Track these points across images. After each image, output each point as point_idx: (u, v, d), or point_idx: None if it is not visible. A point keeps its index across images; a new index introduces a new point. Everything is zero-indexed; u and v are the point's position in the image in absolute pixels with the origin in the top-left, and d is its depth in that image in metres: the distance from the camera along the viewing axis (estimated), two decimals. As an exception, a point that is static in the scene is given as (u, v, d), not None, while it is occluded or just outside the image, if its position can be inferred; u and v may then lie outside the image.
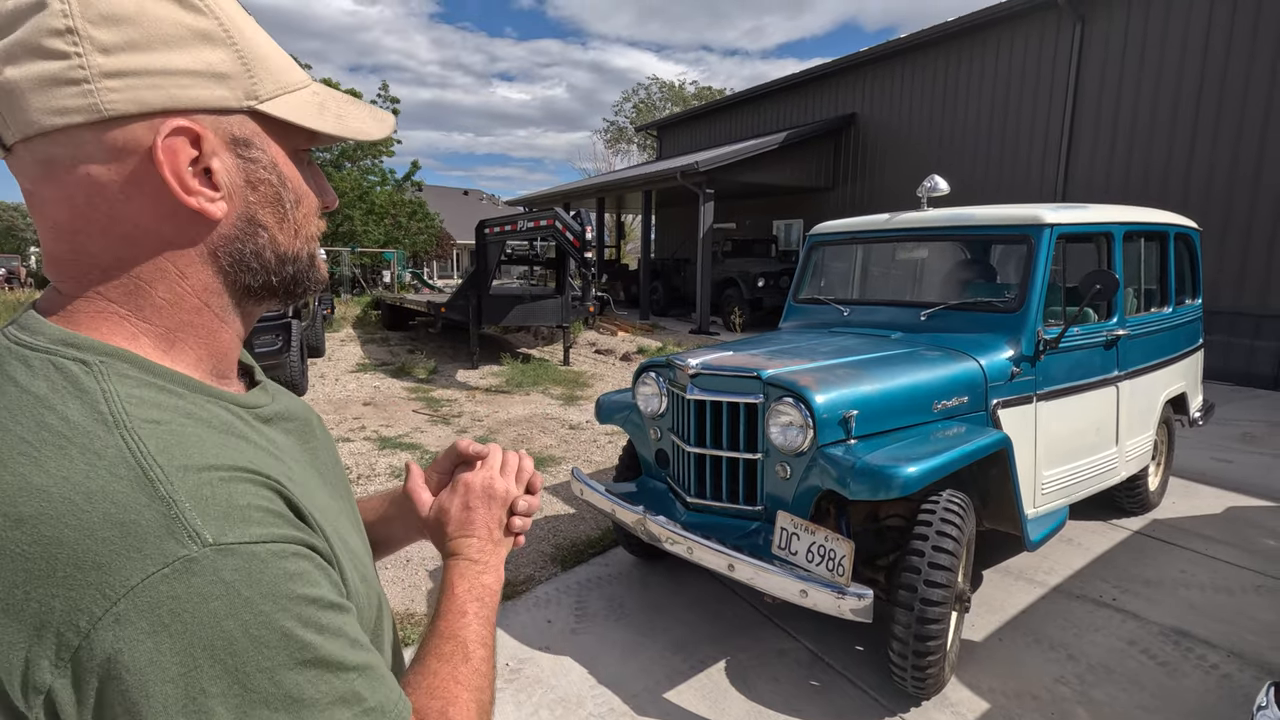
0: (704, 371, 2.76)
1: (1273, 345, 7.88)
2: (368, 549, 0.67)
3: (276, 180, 0.55)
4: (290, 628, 0.44)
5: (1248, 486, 4.60)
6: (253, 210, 0.54)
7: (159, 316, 0.53)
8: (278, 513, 0.47)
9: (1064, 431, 3.18)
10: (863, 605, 2.16)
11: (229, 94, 0.51)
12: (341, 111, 0.58)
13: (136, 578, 0.41)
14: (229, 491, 0.46)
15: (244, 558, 0.44)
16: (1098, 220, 3.37)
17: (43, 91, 0.46)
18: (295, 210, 0.57)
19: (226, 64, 0.51)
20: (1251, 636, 2.84)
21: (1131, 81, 9.14)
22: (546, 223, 8.03)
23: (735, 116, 17.16)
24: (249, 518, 0.45)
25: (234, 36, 0.51)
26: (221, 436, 0.50)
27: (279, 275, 0.57)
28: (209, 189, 0.51)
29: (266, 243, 0.56)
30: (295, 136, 0.57)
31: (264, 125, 0.54)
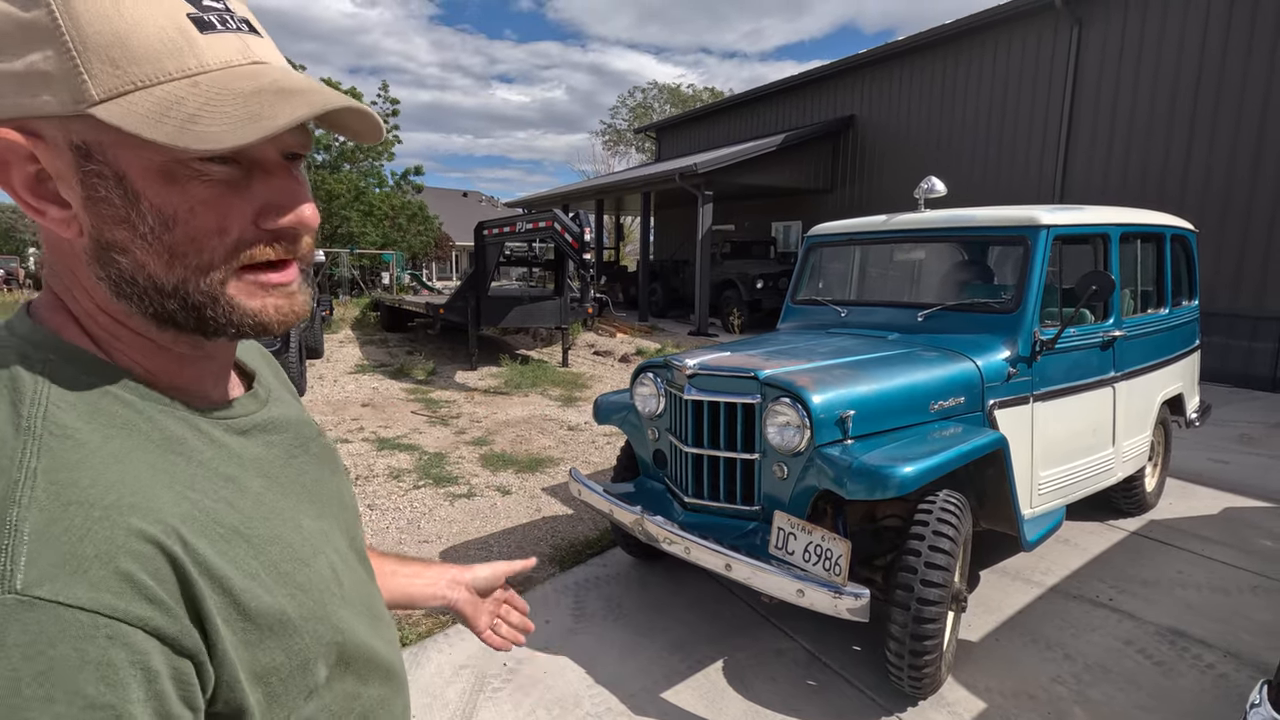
0: (701, 372, 2.77)
1: (1270, 347, 7.90)
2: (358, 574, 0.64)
3: (121, 198, 0.46)
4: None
5: (1245, 487, 4.61)
6: (99, 231, 0.47)
7: (95, 325, 0.50)
8: (130, 577, 0.41)
9: (1061, 432, 3.18)
10: (859, 605, 2.17)
11: (51, 99, 0.43)
12: (200, 113, 0.45)
13: None
14: (85, 534, 0.40)
15: (43, 619, 0.38)
16: (1094, 222, 3.38)
17: None
18: (165, 233, 0.47)
19: (50, 62, 0.43)
20: (1248, 636, 2.85)
21: (1129, 83, 9.17)
22: (545, 224, 8.04)
23: (734, 118, 17.18)
24: (84, 572, 0.39)
25: (63, 26, 0.43)
26: (155, 454, 0.47)
27: (165, 307, 0.49)
28: (55, 205, 0.47)
29: (131, 269, 0.48)
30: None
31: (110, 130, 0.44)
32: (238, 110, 0.45)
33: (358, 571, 0.64)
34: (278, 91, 0.47)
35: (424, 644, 2.81)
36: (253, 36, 0.51)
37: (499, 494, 4.55)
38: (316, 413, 6.66)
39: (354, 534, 0.67)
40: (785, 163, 13.28)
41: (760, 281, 12.64)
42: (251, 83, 0.47)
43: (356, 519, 0.70)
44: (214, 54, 0.47)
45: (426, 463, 5.14)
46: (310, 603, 0.52)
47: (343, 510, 0.67)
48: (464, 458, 5.32)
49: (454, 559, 3.61)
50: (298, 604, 0.51)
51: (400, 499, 4.42)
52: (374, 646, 0.61)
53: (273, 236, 0.51)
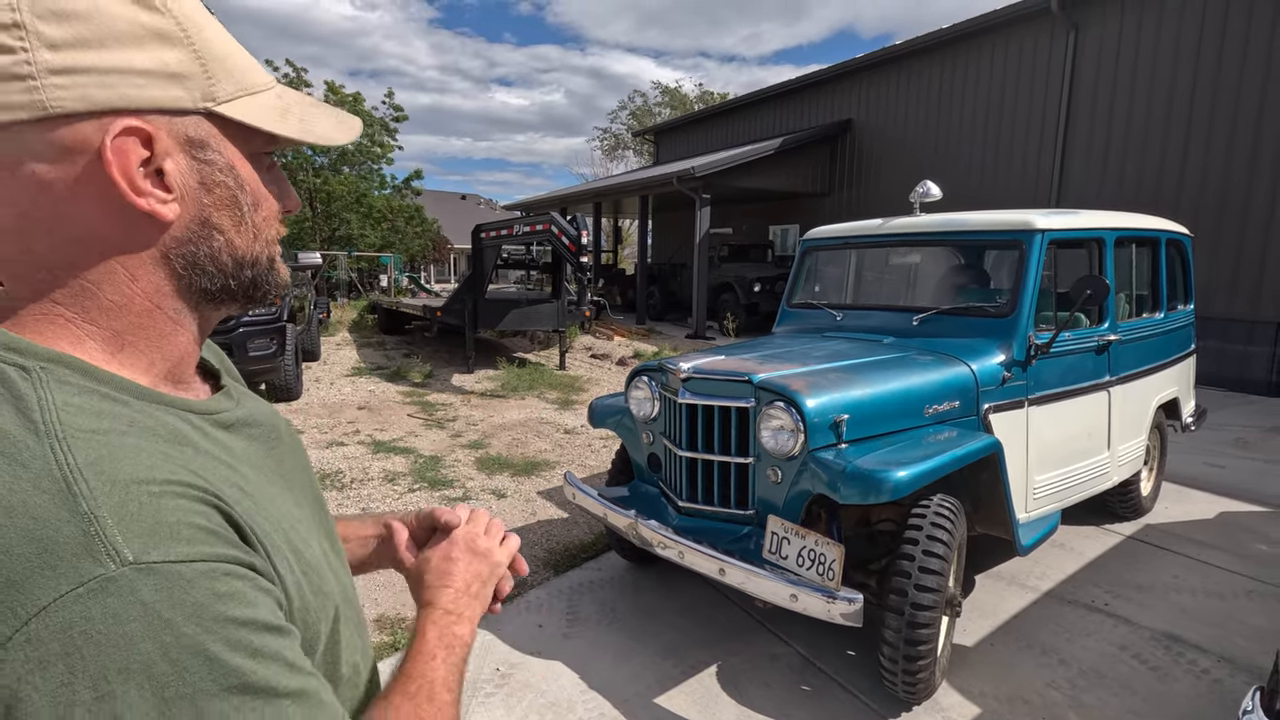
0: (696, 375, 2.76)
1: (1265, 351, 7.91)
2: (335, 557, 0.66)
3: (233, 183, 0.54)
4: (216, 651, 0.42)
5: (1240, 492, 4.61)
6: (207, 213, 0.53)
7: (107, 319, 0.51)
8: (211, 530, 0.45)
9: (1056, 436, 3.18)
10: (853, 610, 2.16)
11: (184, 94, 0.50)
12: (305, 115, 0.57)
13: (48, 597, 0.39)
14: (157, 507, 0.44)
15: (167, 577, 0.41)
16: (1089, 226, 3.38)
17: None
18: (254, 213, 0.56)
19: (183, 64, 0.50)
20: (1243, 641, 2.85)
21: (1125, 88, 9.19)
22: (543, 227, 8.04)
23: (732, 122, 17.21)
24: (177, 534, 0.43)
25: (191, 36, 0.51)
26: (165, 446, 0.49)
27: (237, 279, 0.56)
28: (160, 190, 0.50)
29: (223, 246, 0.55)
30: (255, 139, 0.56)
31: (222, 127, 0.53)
32: (328, 116, 0.59)
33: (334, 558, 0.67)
34: (316, 105, 0.60)
35: (417, 648, 2.79)
36: None
37: (494, 497, 4.54)
38: (312, 415, 6.64)
39: (328, 525, 0.70)
40: (783, 166, 13.31)
41: (757, 285, 12.66)
42: (299, 96, 0.59)
43: (327, 510, 0.72)
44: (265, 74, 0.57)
45: (422, 466, 5.12)
46: (317, 580, 0.56)
47: (316, 501, 0.69)
48: (459, 461, 5.30)
49: (448, 563, 3.59)
50: (309, 581, 0.54)
51: (395, 502, 4.41)
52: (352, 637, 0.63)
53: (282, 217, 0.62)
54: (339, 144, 0.60)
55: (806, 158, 13.67)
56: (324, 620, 0.56)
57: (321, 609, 0.55)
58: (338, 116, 0.60)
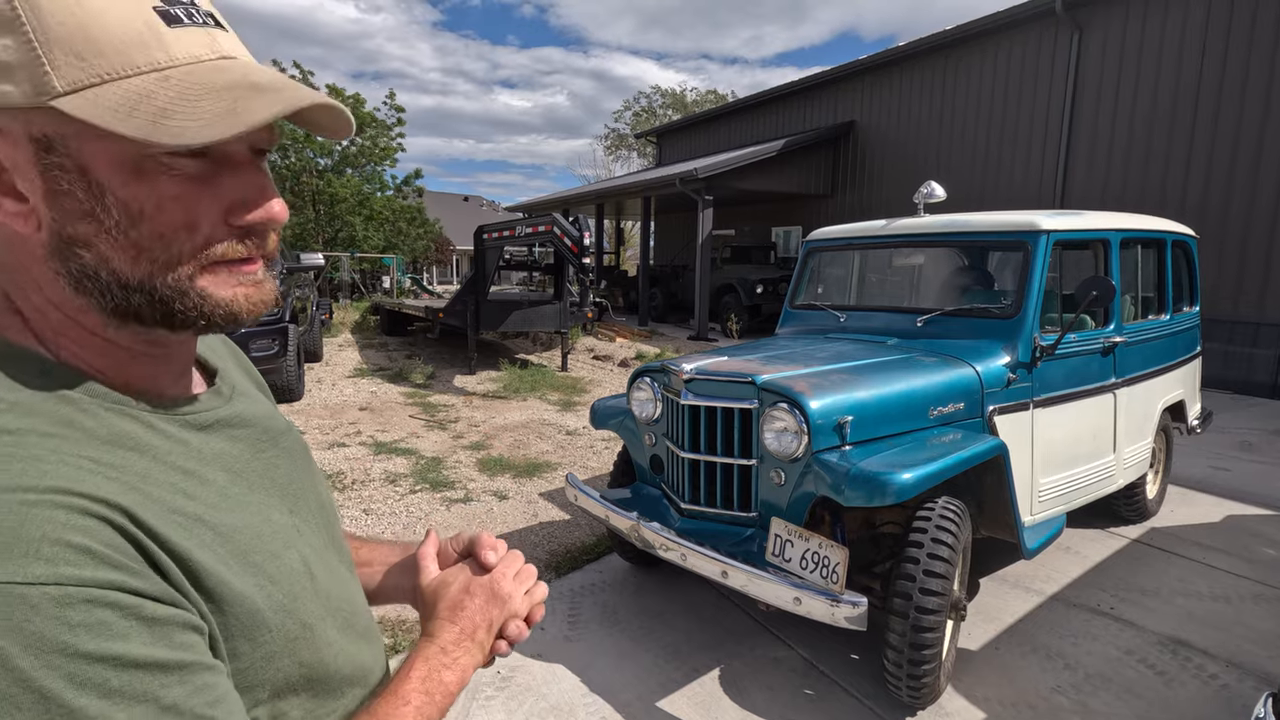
0: (698, 377, 2.75)
1: (1271, 353, 7.87)
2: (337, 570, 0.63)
3: (85, 192, 0.45)
4: (53, 689, 0.37)
5: (1246, 495, 4.58)
6: (60, 225, 0.46)
7: (43, 322, 0.49)
8: (86, 549, 0.40)
9: (1061, 438, 3.16)
10: (857, 613, 2.14)
11: (14, 89, 0.43)
12: (170, 107, 0.44)
13: None
14: (25, 518, 0.39)
15: (7, 601, 0.37)
16: (1094, 227, 3.36)
17: None
18: (131, 229, 0.46)
19: (10, 52, 0.42)
20: (1250, 646, 2.82)
21: (1129, 89, 9.17)
22: (545, 228, 8.03)
23: (735, 124, 17.20)
24: (35, 552, 0.38)
25: (24, 16, 0.42)
26: (98, 449, 0.45)
27: (129, 302, 0.48)
28: (10, 199, 0.45)
29: (94, 263, 0.47)
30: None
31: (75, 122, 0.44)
32: (212, 105, 0.45)
33: (337, 570, 0.63)
34: (250, 86, 0.47)
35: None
36: (219, 31, 0.50)
37: (496, 499, 4.52)
38: (314, 416, 6.64)
39: (334, 532, 0.66)
40: (786, 168, 13.29)
41: (760, 286, 12.63)
42: (223, 77, 0.47)
43: (335, 517, 0.69)
44: (182, 48, 0.46)
45: (423, 467, 5.11)
46: (280, 595, 0.52)
47: (320, 508, 0.66)
48: (461, 462, 5.29)
49: (449, 564, 3.58)
50: (266, 595, 0.50)
51: (396, 503, 4.39)
52: (346, 648, 0.59)
53: (243, 233, 0.51)
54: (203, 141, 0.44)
55: (809, 159, 13.65)
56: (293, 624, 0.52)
57: (280, 626, 0.51)
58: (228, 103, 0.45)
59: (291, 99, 0.47)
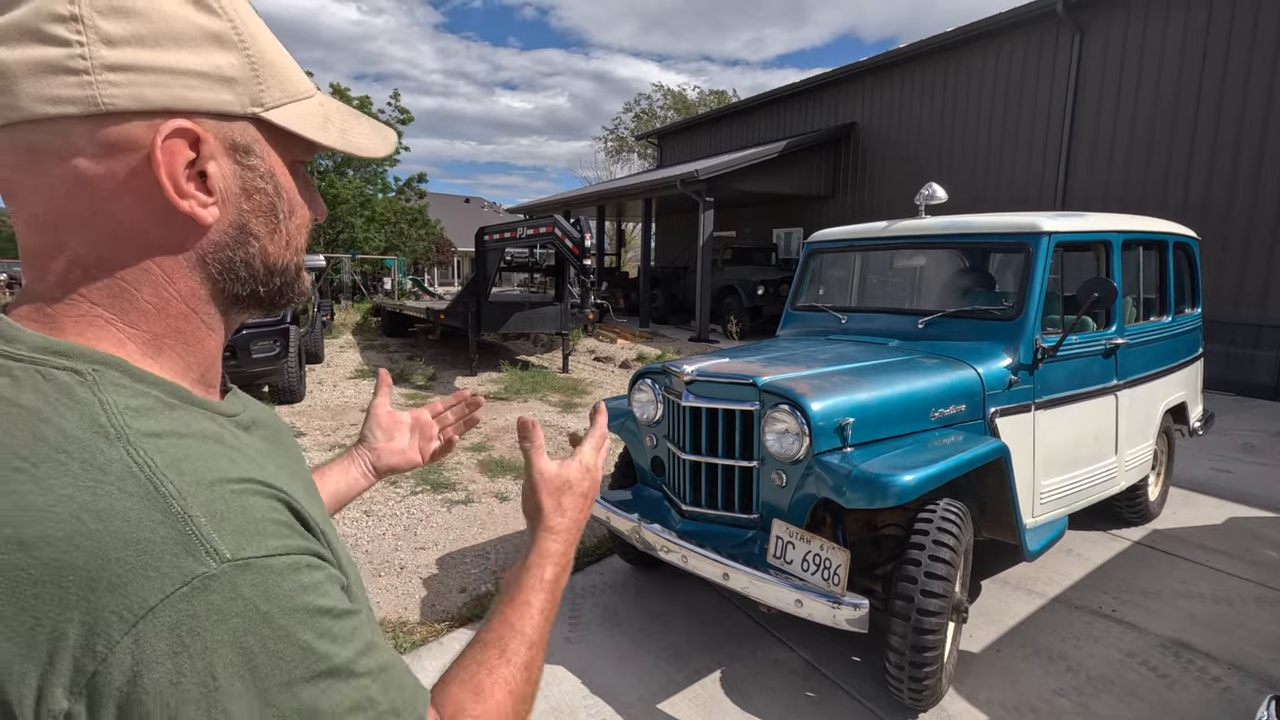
0: (700, 378, 2.74)
1: (1273, 355, 7.86)
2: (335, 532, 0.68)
3: (272, 190, 0.54)
4: (308, 640, 0.44)
5: (1248, 497, 4.57)
6: (245, 218, 0.53)
7: (145, 322, 0.51)
8: (288, 524, 0.47)
9: (1063, 440, 3.16)
10: (858, 615, 2.14)
11: (234, 99, 0.50)
12: (346, 126, 0.57)
13: (155, 598, 0.40)
14: (242, 505, 0.45)
15: (261, 572, 0.43)
16: (1096, 229, 3.36)
17: (37, 78, 0.44)
18: (288, 221, 0.56)
19: (235, 68, 0.50)
20: (1252, 648, 2.81)
21: (1130, 92, 9.16)
22: (546, 230, 8.03)
23: (736, 125, 17.21)
24: (264, 530, 0.45)
25: (246, 41, 0.50)
26: (216, 448, 0.49)
27: (267, 286, 0.56)
28: (202, 193, 0.50)
29: (257, 252, 0.54)
30: (295, 147, 0.55)
31: (266, 133, 0.53)
32: (366, 127, 0.59)
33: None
34: (355, 115, 0.60)
35: (418, 652, 2.78)
36: None
37: (496, 500, 4.52)
38: (315, 418, 6.64)
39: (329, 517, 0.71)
40: (787, 169, 13.30)
41: (761, 288, 12.63)
42: (339, 104, 0.59)
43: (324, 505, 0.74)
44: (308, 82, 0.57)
45: (424, 469, 5.11)
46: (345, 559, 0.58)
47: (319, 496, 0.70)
48: (462, 463, 5.29)
49: (450, 565, 3.58)
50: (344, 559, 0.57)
51: (397, 505, 4.39)
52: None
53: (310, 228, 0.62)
54: (377, 156, 0.59)
55: (810, 161, 13.65)
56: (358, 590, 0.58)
57: (357, 582, 0.58)
58: (375, 127, 0.60)
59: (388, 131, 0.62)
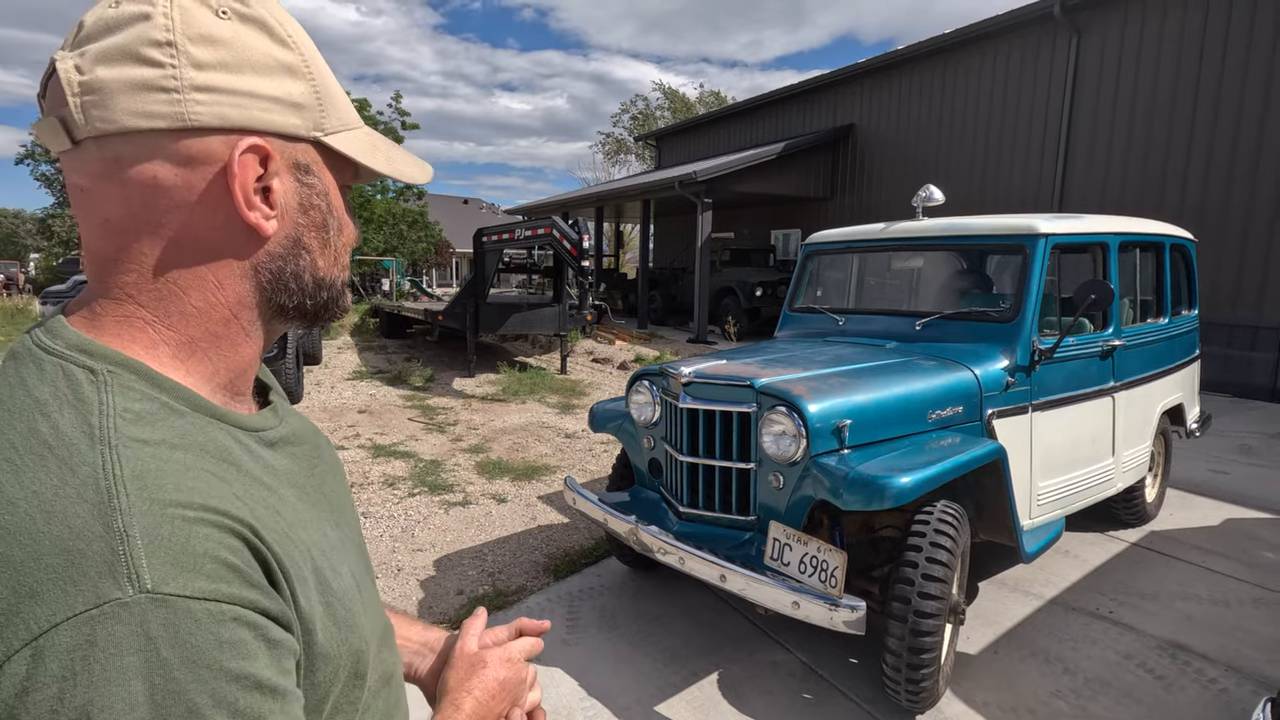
0: (697, 380, 2.74)
1: (1270, 357, 7.87)
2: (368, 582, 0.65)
3: (325, 207, 0.58)
4: (200, 704, 0.41)
5: (1246, 498, 4.57)
6: (300, 232, 0.57)
7: (185, 325, 0.53)
8: (234, 567, 0.44)
9: (1060, 442, 3.16)
10: (855, 617, 2.14)
11: (300, 123, 0.55)
12: (391, 154, 0.62)
13: (63, 614, 0.39)
14: (188, 535, 0.43)
15: (176, 612, 0.41)
16: (1093, 230, 3.36)
17: (132, 94, 0.48)
18: (337, 238, 0.60)
19: (303, 96, 0.55)
20: (1249, 650, 2.81)
21: (1127, 93, 9.18)
22: (544, 231, 8.03)
23: (734, 127, 17.21)
24: (199, 568, 0.42)
25: (313, 73, 0.56)
26: (213, 464, 0.49)
27: (314, 299, 0.59)
28: (266, 206, 0.54)
29: (307, 265, 0.58)
30: (345, 171, 0.60)
31: (324, 156, 0.57)
32: (408, 157, 0.64)
33: (369, 583, 0.66)
34: (396, 145, 0.64)
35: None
36: None
37: (494, 502, 4.52)
38: (313, 419, 6.60)
39: (362, 545, 0.70)
40: (785, 171, 13.30)
41: (759, 289, 12.64)
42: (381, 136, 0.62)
43: (360, 529, 0.72)
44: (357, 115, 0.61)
45: (422, 470, 5.11)
46: (342, 610, 0.55)
47: (355, 520, 0.69)
48: (460, 465, 5.29)
49: (447, 567, 3.58)
50: (332, 612, 0.53)
51: (395, 506, 4.39)
52: (384, 656, 0.63)
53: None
54: (418, 182, 0.64)
55: (809, 162, 13.66)
56: (345, 654, 0.55)
57: (345, 642, 0.54)
58: (414, 157, 0.65)
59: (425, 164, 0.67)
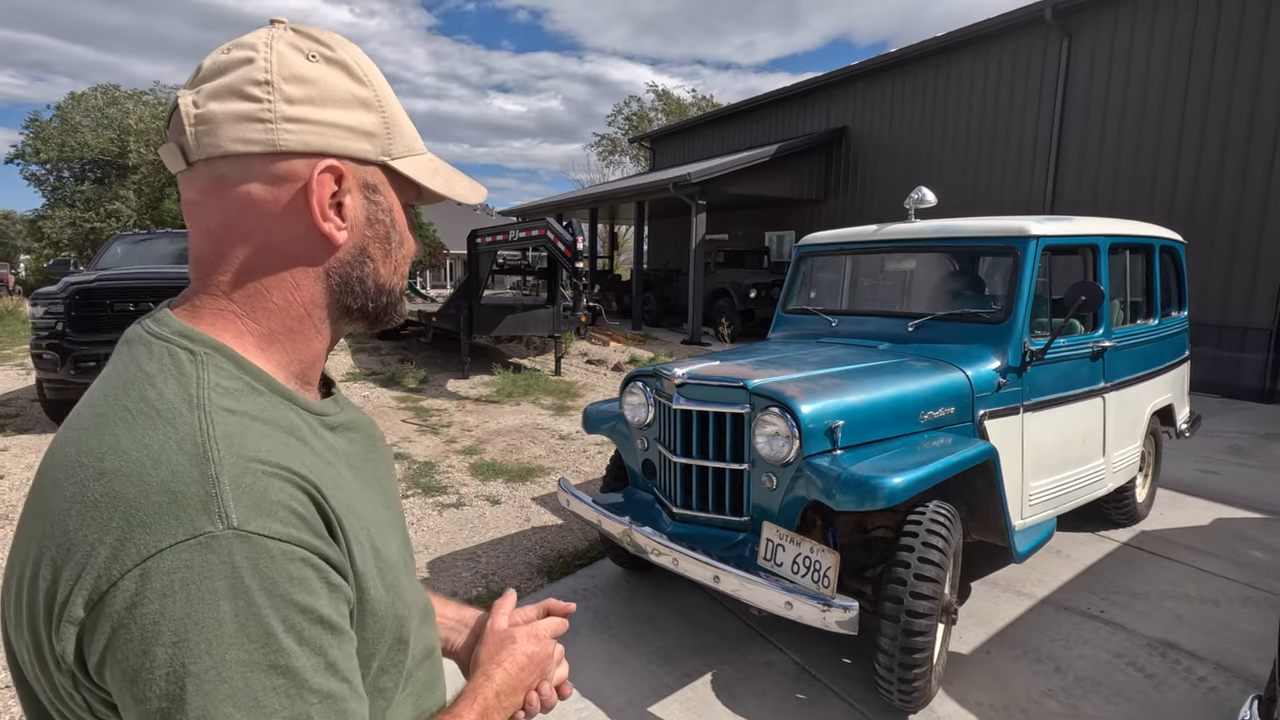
0: (690, 381, 2.75)
1: (1258, 358, 7.94)
2: (410, 562, 0.73)
3: (389, 222, 0.66)
4: (274, 628, 0.48)
5: (1235, 498, 4.61)
6: (366, 243, 0.65)
7: (267, 318, 0.62)
8: (302, 516, 0.52)
9: (1051, 442, 3.18)
10: (848, 617, 2.15)
11: (370, 148, 0.63)
12: (449, 178, 0.70)
13: (167, 542, 0.47)
14: (266, 485, 0.51)
15: (256, 547, 0.49)
16: (1083, 232, 3.39)
17: (235, 124, 0.58)
18: (398, 250, 0.68)
19: (374, 125, 0.63)
20: (1238, 649, 2.84)
21: (1118, 96, 9.25)
22: (538, 232, 8.03)
23: (728, 129, 17.25)
24: (274, 513, 0.50)
25: (383, 106, 0.64)
26: (282, 435, 0.57)
27: (375, 302, 0.67)
28: (339, 218, 0.62)
29: (370, 272, 0.66)
30: (408, 191, 0.68)
31: (389, 177, 0.66)
32: (464, 179, 0.71)
33: (411, 563, 0.74)
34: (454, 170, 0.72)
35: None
36: None
37: (488, 504, 4.51)
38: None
39: (406, 531, 0.77)
40: (778, 173, 13.34)
41: (753, 291, 12.67)
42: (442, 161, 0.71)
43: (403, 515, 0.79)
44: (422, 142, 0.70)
45: (416, 472, 5.09)
46: (390, 577, 0.62)
47: (400, 508, 0.76)
48: (454, 467, 5.28)
49: (441, 569, 3.57)
50: (383, 575, 0.61)
51: (388, 508, 4.37)
52: (426, 631, 0.71)
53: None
54: (471, 202, 0.73)
55: (802, 164, 13.70)
56: (393, 618, 0.62)
57: (391, 605, 0.61)
58: (470, 181, 0.73)
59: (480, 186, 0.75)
